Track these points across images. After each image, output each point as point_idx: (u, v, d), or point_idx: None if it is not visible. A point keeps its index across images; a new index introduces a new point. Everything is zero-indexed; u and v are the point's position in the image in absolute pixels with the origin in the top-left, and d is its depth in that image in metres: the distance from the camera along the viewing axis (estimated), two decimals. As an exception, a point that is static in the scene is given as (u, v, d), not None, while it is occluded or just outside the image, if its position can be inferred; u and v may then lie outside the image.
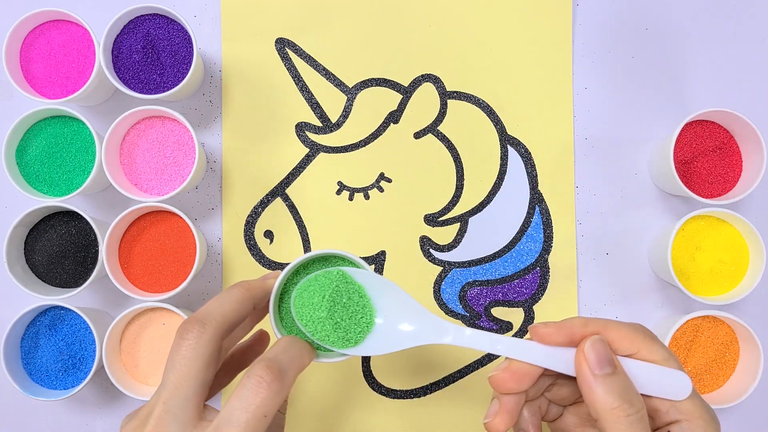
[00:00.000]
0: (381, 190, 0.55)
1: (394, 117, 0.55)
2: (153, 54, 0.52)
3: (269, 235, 0.55)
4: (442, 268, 0.55)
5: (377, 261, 0.55)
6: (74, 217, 0.52)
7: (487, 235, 0.55)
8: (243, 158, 0.55)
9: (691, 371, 0.51)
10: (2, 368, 0.49)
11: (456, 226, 0.55)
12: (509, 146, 0.56)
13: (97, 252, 0.52)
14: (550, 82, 0.56)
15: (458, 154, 0.55)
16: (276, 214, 0.55)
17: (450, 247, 0.55)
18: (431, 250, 0.55)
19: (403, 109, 0.56)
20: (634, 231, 0.55)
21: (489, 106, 0.56)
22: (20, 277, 0.50)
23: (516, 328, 0.55)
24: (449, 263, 0.55)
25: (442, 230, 0.55)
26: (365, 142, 0.55)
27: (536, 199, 0.55)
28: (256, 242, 0.55)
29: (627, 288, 0.55)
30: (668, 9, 0.57)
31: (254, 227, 0.55)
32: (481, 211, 0.55)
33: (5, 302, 0.54)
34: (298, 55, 0.56)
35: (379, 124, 0.55)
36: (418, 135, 0.55)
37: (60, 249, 0.51)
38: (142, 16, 0.53)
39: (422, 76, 0.56)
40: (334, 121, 0.56)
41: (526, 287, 0.55)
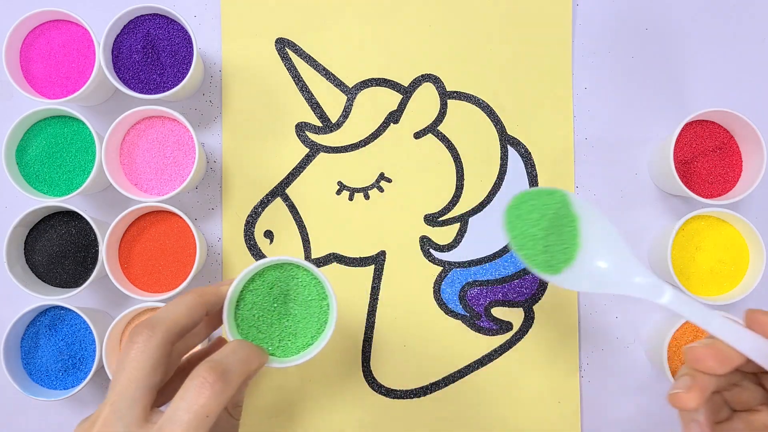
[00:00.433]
0: (381, 190, 0.55)
1: (394, 117, 0.55)
2: (153, 54, 0.52)
3: (269, 235, 0.55)
4: (442, 268, 0.55)
5: (377, 261, 0.55)
6: (74, 217, 0.52)
7: (487, 235, 0.55)
8: (243, 158, 0.55)
9: (691, 371, 0.51)
10: (2, 368, 0.49)
11: (456, 226, 0.55)
12: (509, 146, 0.56)
13: (97, 252, 0.52)
14: (550, 82, 0.56)
15: (458, 154, 0.55)
16: (276, 214, 0.55)
17: (450, 247, 0.55)
18: (431, 250, 0.55)
19: (403, 109, 0.56)
20: (634, 231, 0.55)
21: (489, 106, 0.56)
22: (20, 277, 0.50)
23: (516, 328, 0.55)
24: (449, 263, 0.55)
25: (442, 230, 0.55)
26: (365, 142, 0.55)
27: (536, 199, 0.55)
28: (256, 242, 0.55)
29: (627, 288, 0.55)
30: (668, 9, 0.57)
31: (254, 227, 0.55)
32: (481, 211, 0.55)
33: (5, 302, 0.54)
34: (298, 55, 0.56)
35: (379, 124, 0.55)
36: (418, 135, 0.55)
37: (60, 249, 0.51)
38: (142, 16, 0.53)
39: (422, 76, 0.56)
40: (334, 121, 0.56)
41: (526, 287, 0.55)
